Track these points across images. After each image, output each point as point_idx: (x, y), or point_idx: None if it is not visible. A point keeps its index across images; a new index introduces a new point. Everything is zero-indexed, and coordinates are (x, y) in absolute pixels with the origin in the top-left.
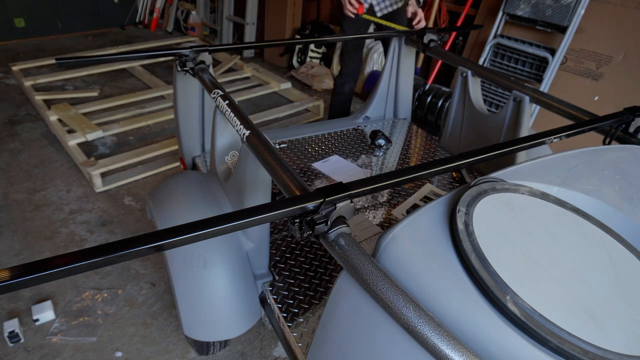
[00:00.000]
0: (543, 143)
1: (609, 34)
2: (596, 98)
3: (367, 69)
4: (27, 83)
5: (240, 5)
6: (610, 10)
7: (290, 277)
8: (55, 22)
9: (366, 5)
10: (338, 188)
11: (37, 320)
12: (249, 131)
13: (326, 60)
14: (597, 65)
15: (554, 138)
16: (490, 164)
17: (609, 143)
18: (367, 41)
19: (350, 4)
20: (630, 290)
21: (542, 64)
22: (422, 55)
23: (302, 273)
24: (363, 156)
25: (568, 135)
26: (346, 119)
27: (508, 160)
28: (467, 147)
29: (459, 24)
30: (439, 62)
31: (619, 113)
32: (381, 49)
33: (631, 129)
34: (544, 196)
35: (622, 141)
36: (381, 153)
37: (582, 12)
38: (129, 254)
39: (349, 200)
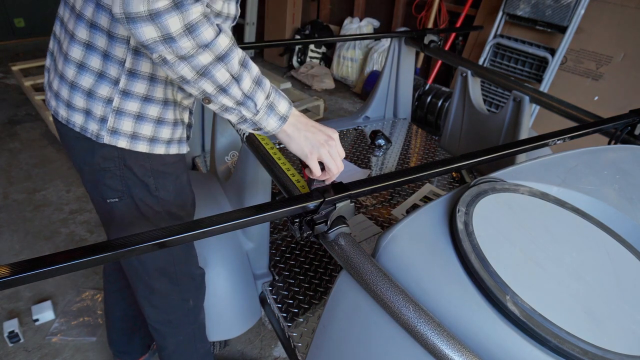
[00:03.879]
0: (546, 145)
1: (609, 34)
2: (596, 98)
3: (367, 69)
4: (27, 83)
5: (240, 5)
6: (610, 10)
7: (290, 277)
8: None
9: None
10: (338, 188)
11: (37, 320)
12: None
13: (326, 60)
14: (597, 65)
15: (558, 140)
16: (490, 164)
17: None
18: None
19: None
20: (630, 290)
21: (542, 64)
22: (422, 55)
23: (302, 273)
24: (363, 156)
25: (572, 137)
26: (346, 119)
27: (508, 161)
28: (467, 147)
29: (458, 24)
30: (439, 62)
31: (624, 115)
32: (381, 49)
33: (637, 132)
34: (544, 196)
35: (627, 144)
36: (381, 153)
37: (582, 12)
38: (129, 252)
39: (349, 200)
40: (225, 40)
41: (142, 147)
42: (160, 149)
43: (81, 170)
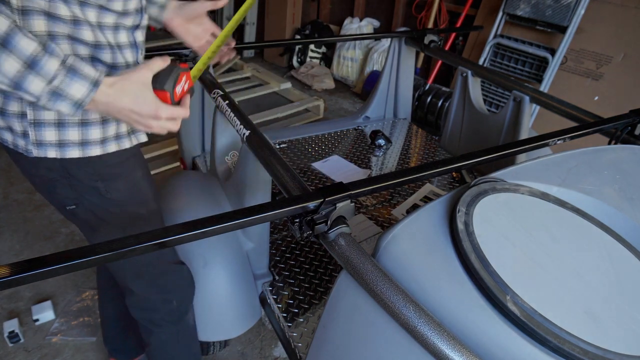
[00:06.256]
0: (547, 145)
1: (609, 34)
2: (596, 98)
3: (367, 69)
4: None
5: (240, 5)
6: (610, 10)
7: (290, 277)
8: None
9: None
10: (338, 188)
11: (37, 320)
12: (249, 131)
13: (326, 60)
14: (597, 65)
15: (558, 140)
16: (490, 164)
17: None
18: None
19: None
20: (630, 290)
21: (542, 64)
22: (422, 55)
23: (302, 273)
24: (363, 156)
25: (572, 137)
26: (346, 119)
27: (508, 161)
28: (467, 147)
29: (458, 24)
30: (439, 62)
31: (624, 115)
32: (381, 49)
33: (637, 132)
34: (544, 196)
35: (627, 144)
36: (381, 153)
37: (582, 12)
38: (129, 252)
39: (349, 200)
40: None
41: (74, 153)
42: (95, 151)
43: (32, 182)
